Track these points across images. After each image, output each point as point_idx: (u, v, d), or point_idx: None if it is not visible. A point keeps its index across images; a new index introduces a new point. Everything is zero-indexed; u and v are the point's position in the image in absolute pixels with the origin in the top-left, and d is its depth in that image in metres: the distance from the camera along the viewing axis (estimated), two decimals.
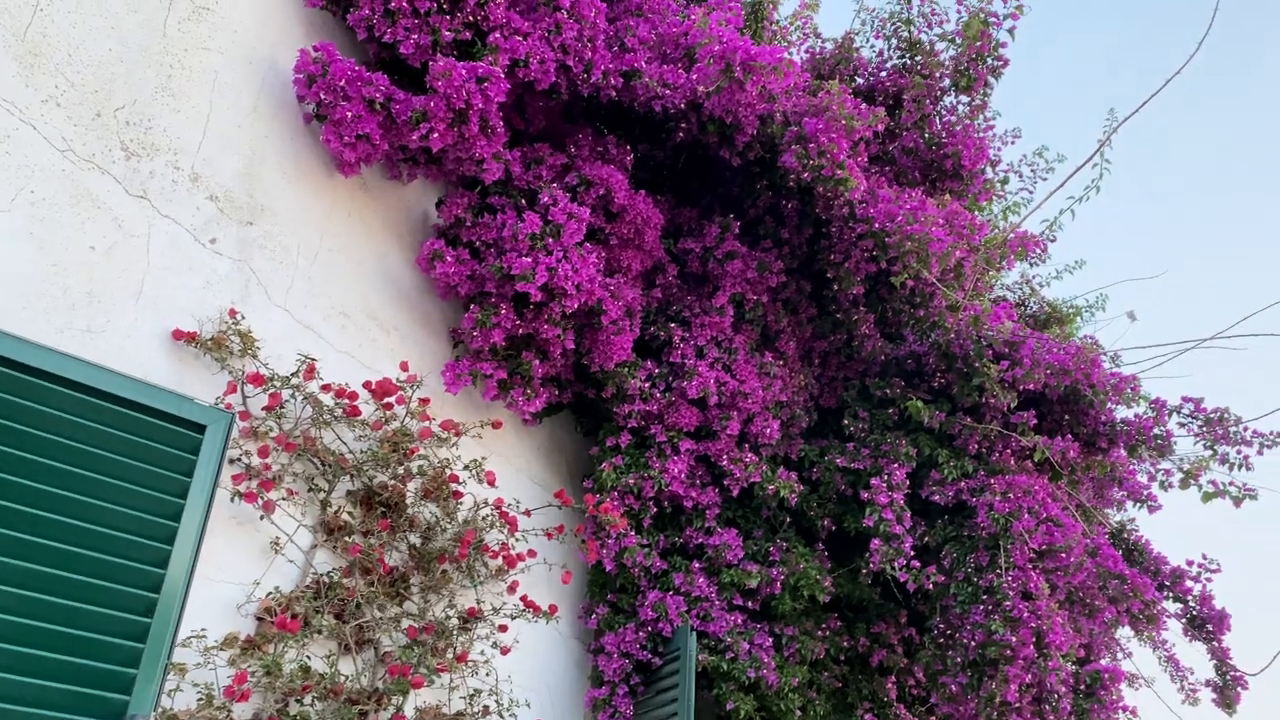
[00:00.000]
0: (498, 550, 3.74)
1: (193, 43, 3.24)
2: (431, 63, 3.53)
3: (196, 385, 2.99)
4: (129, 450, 2.71)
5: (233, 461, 3.03)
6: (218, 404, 3.00)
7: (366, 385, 3.48)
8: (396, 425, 3.52)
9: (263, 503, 3.03)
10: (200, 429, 2.88)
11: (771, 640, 4.41)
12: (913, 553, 4.34)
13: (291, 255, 3.48)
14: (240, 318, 3.17)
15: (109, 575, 2.59)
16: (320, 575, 3.20)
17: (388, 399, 3.49)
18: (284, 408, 3.19)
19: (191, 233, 3.11)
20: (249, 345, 3.13)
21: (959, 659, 4.26)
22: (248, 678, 2.78)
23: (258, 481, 3.05)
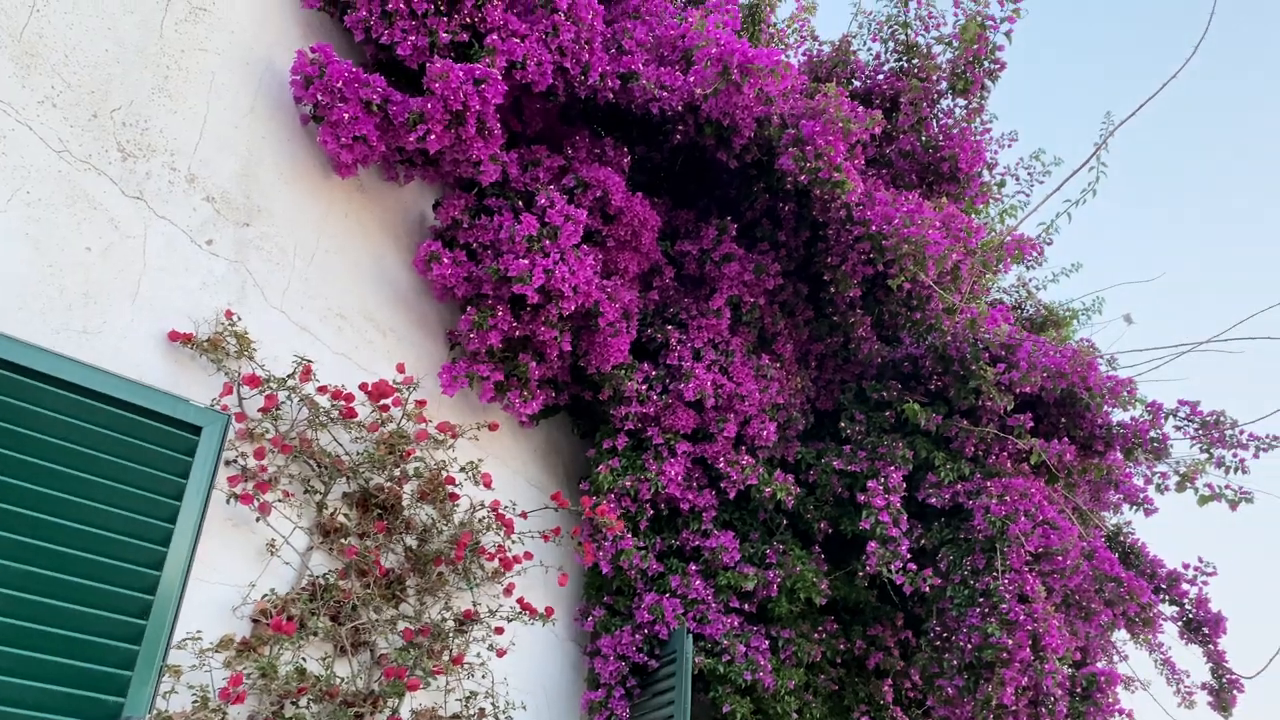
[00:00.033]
0: (494, 552, 3.74)
1: (190, 44, 3.24)
2: (429, 64, 3.53)
3: (192, 387, 2.99)
4: (124, 452, 2.70)
5: (229, 463, 3.03)
6: (214, 405, 3.00)
7: (363, 387, 3.48)
8: (393, 427, 3.52)
9: (258, 504, 3.03)
10: (196, 430, 2.87)
11: (768, 643, 4.41)
12: (909, 555, 4.35)
13: (288, 256, 3.48)
14: (236, 319, 3.16)
15: (104, 577, 2.58)
16: (316, 577, 3.19)
17: (384, 401, 3.49)
18: (280, 409, 3.19)
19: (188, 234, 3.11)
20: (245, 347, 3.13)
21: (955, 662, 4.26)
22: (243, 680, 2.78)
23: (253, 483, 3.05)
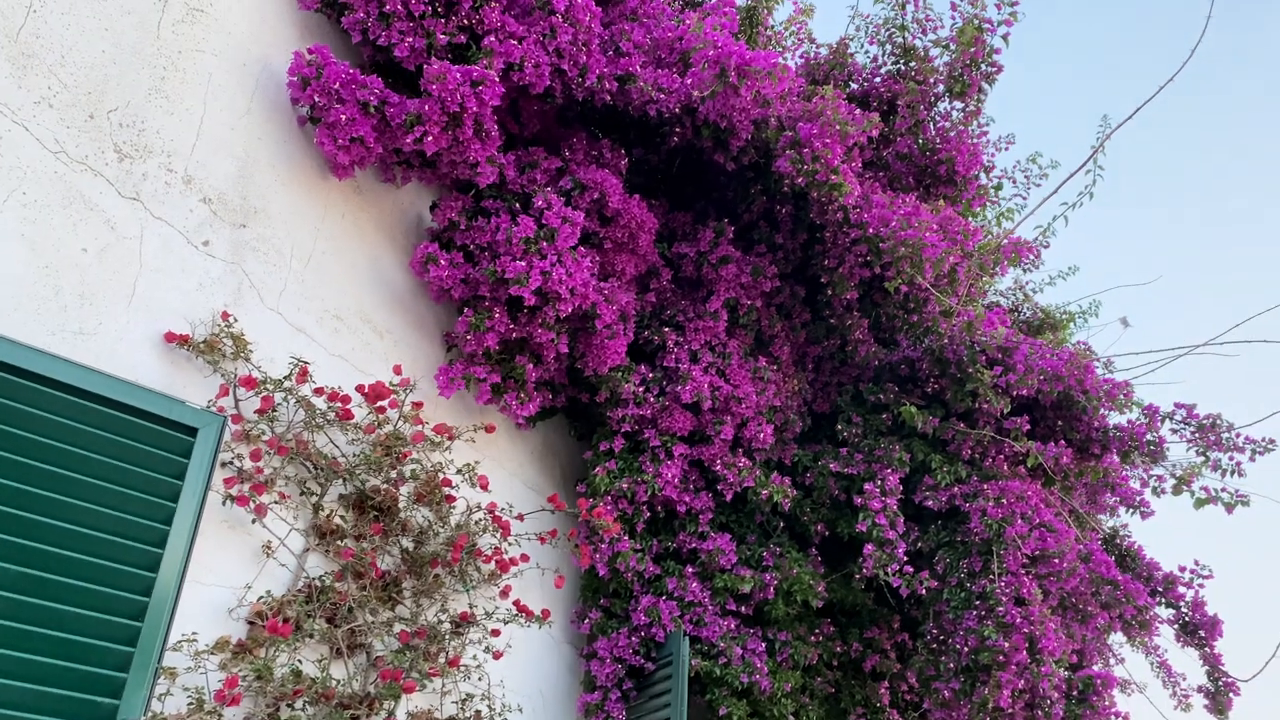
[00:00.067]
0: (490, 555, 3.73)
1: (186, 45, 3.24)
2: (426, 66, 3.53)
3: (189, 388, 2.98)
4: (120, 453, 2.70)
5: (225, 465, 3.02)
6: (210, 407, 2.99)
7: (359, 389, 3.47)
8: (389, 429, 3.52)
9: (255, 506, 3.02)
10: (192, 432, 2.87)
11: (764, 645, 4.41)
12: (906, 558, 4.35)
13: (285, 258, 3.47)
14: (233, 320, 3.16)
15: (99, 579, 2.57)
16: (312, 579, 3.19)
17: (380, 402, 3.49)
18: (276, 411, 3.18)
19: (184, 235, 3.10)
20: (241, 348, 3.12)
21: (952, 664, 4.27)
22: (239, 682, 2.77)
23: (250, 485, 3.04)
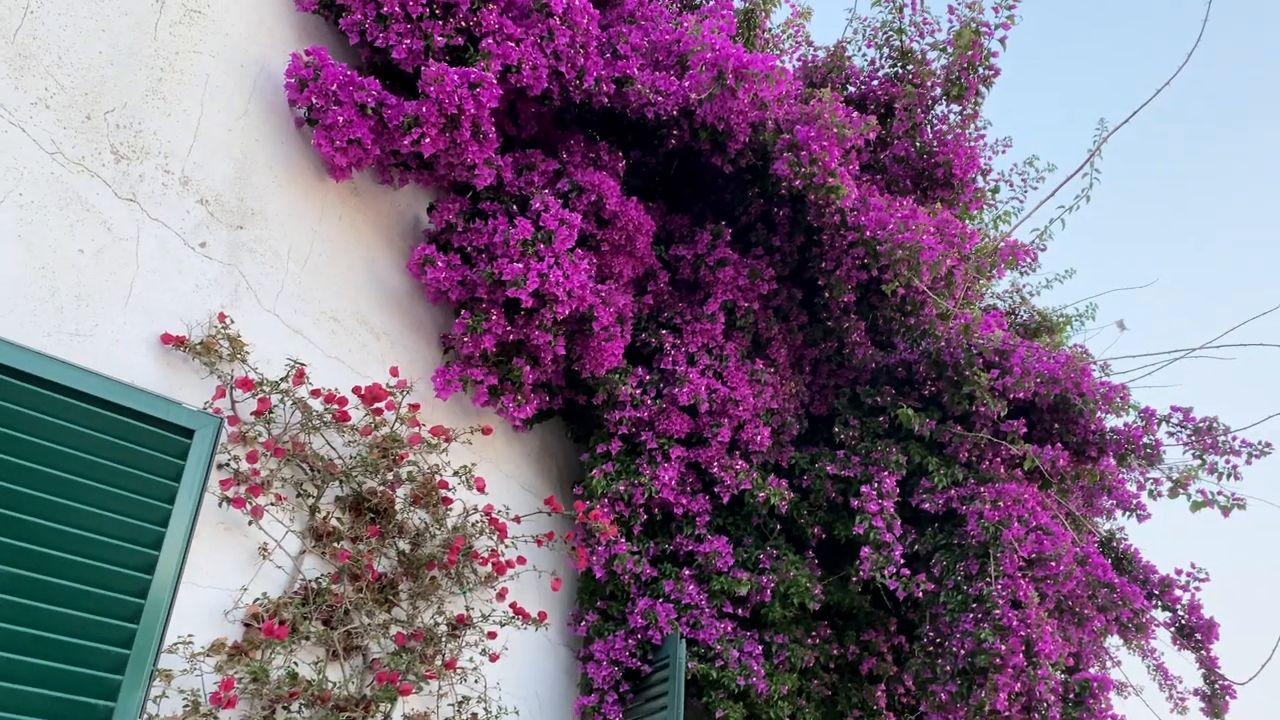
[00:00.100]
0: (487, 557, 3.73)
1: (184, 46, 3.23)
2: (424, 68, 3.53)
3: (185, 389, 2.98)
4: (116, 454, 2.69)
5: (221, 466, 3.02)
6: (206, 408, 2.99)
7: (356, 390, 3.47)
8: (386, 431, 3.51)
9: (251, 508, 3.02)
10: (188, 433, 2.86)
11: (761, 648, 4.40)
12: (903, 561, 4.35)
13: (282, 259, 3.47)
14: (229, 322, 3.15)
15: (94, 580, 2.57)
16: (308, 581, 3.18)
17: (377, 404, 3.48)
18: (273, 413, 3.18)
19: (181, 236, 3.10)
20: (238, 350, 3.12)
21: (948, 667, 4.27)
22: (234, 684, 2.76)
23: (246, 487, 3.04)
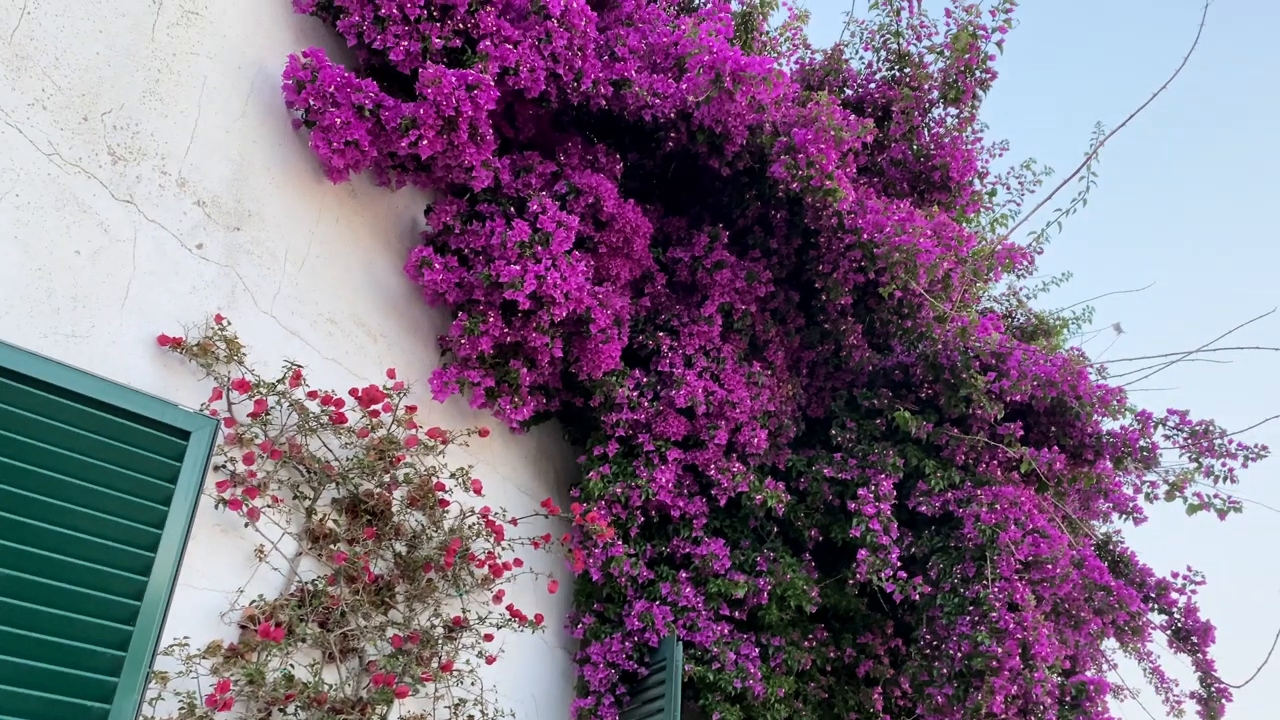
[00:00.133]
0: (484, 559, 3.73)
1: (181, 47, 3.23)
2: (421, 70, 3.53)
3: (181, 391, 2.98)
4: (112, 456, 2.68)
5: (217, 468, 3.01)
6: (203, 410, 2.98)
7: (353, 392, 3.47)
8: (383, 433, 3.51)
9: (247, 510, 3.01)
10: (185, 435, 2.85)
11: (758, 650, 4.40)
12: (899, 563, 4.35)
13: (279, 261, 3.47)
14: (226, 324, 3.15)
15: (90, 582, 2.56)
16: (305, 583, 3.18)
17: (374, 406, 3.48)
18: (270, 414, 3.18)
19: (178, 238, 3.10)
20: (235, 351, 3.11)
21: (945, 670, 4.26)
22: (230, 686, 2.76)
23: (242, 488, 3.03)
